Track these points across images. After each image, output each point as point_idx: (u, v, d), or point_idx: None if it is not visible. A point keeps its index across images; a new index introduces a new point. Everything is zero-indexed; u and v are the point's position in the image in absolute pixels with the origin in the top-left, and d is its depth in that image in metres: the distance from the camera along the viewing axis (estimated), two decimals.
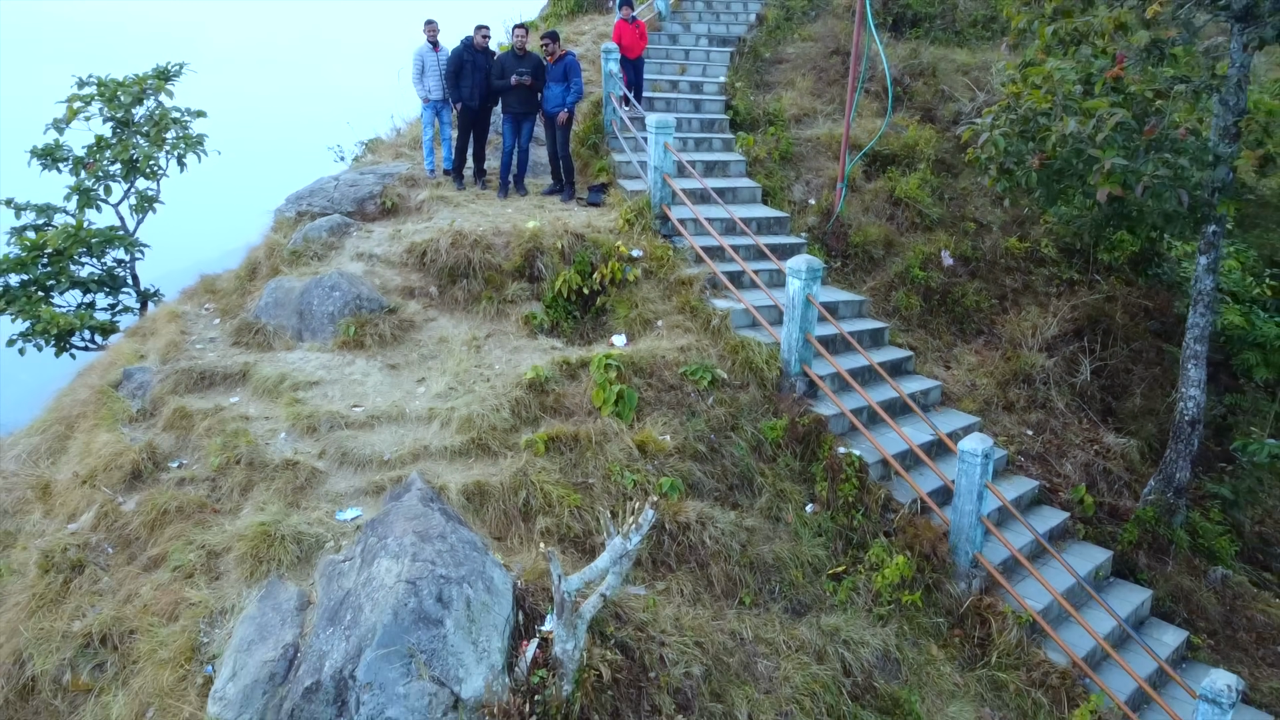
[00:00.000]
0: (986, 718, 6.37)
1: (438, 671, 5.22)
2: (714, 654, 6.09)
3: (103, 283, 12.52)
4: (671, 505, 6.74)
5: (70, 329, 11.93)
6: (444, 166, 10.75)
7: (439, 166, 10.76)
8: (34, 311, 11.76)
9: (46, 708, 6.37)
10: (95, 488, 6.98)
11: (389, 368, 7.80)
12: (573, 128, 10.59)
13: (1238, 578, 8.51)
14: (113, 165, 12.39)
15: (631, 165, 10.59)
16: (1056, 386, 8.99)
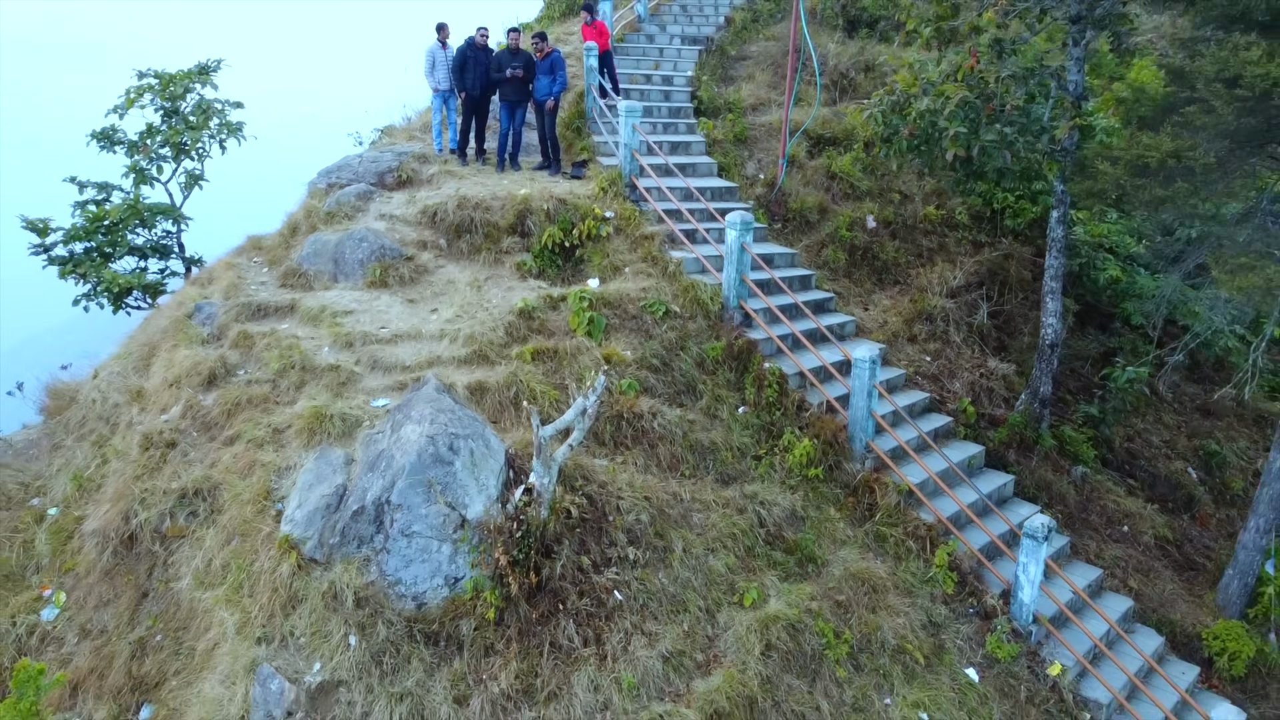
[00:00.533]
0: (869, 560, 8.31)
1: (450, 498, 7.16)
2: (659, 507, 8.02)
3: (154, 250, 14.48)
4: (628, 400, 8.67)
5: (128, 288, 13.87)
6: (450, 146, 12.69)
7: (446, 146, 12.70)
8: (97, 273, 13.72)
9: (147, 553, 8.31)
10: (180, 389, 8.92)
11: (408, 301, 9.74)
12: (559, 114, 12.53)
13: (1097, 476, 10.44)
14: (163, 148, 14.34)
15: (608, 145, 12.51)
16: (955, 325, 10.92)
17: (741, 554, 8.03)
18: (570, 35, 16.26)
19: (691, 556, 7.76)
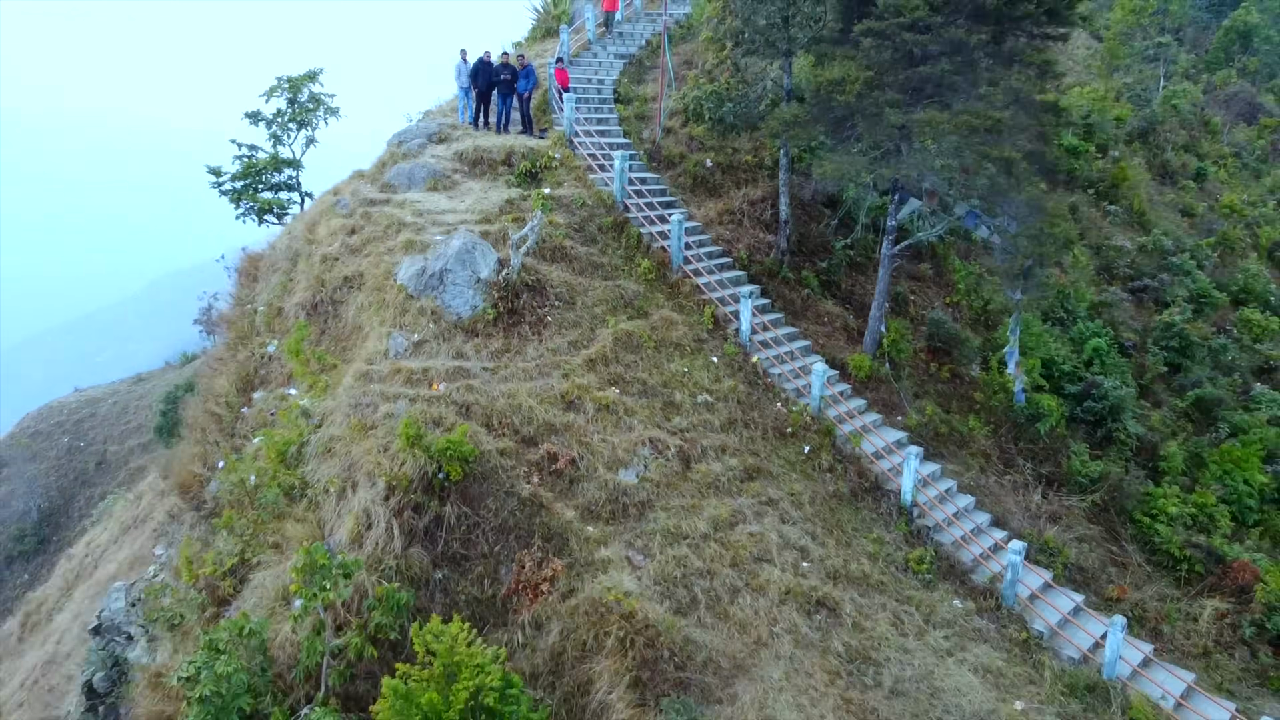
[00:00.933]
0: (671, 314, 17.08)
1: (472, 270, 15.95)
2: (570, 286, 16.81)
3: (284, 187, 23.35)
4: (558, 240, 17.46)
5: (268, 208, 22.73)
6: (469, 120, 21.53)
7: (466, 120, 21.54)
8: (252, 199, 22.58)
9: (325, 311, 17.13)
10: (335, 234, 17.74)
11: (449, 198, 18.56)
12: (532, 101, 21.33)
13: (818, 296, 19.24)
14: (289, 124, 23.20)
15: (561, 120, 21.30)
16: (747, 218, 19.72)
17: (609, 308, 16.82)
18: (546, 51, 25.07)
19: (586, 307, 16.58)
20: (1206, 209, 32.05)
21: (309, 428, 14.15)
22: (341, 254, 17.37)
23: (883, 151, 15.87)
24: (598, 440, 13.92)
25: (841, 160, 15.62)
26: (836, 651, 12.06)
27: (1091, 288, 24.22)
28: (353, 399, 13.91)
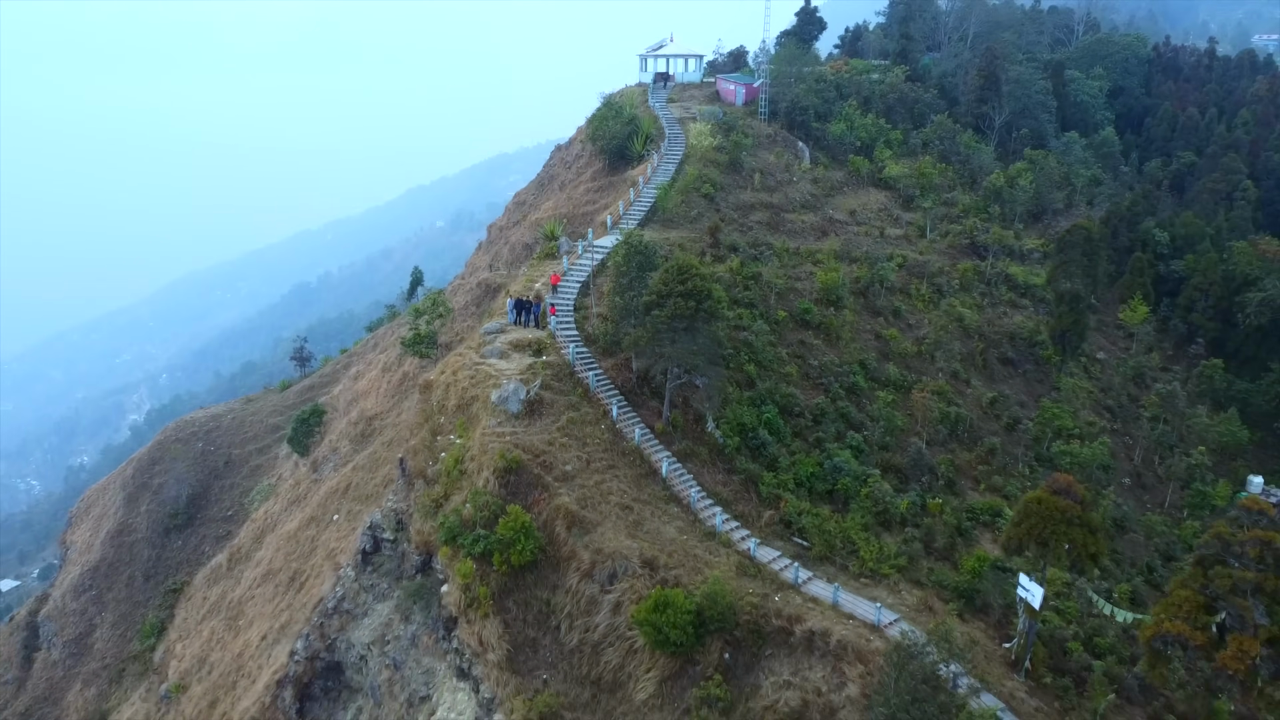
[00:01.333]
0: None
1: (516, 395, 45.51)
2: (554, 401, 46.49)
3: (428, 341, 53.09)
4: (548, 380, 47.13)
5: (425, 353, 52.50)
6: (513, 322, 51.18)
7: (511, 323, 51.20)
8: (420, 352, 52.27)
9: (463, 412, 46.94)
10: (465, 377, 47.43)
11: (506, 361, 48.29)
12: (536, 315, 50.94)
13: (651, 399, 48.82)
14: (430, 324, 52.90)
15: (550, 324, 50.84)
16: (630, 370, 49.28)
17: (569, 405, 46.39)
18: (545, 270, 54.55)
19: (560, 408, 46.29)
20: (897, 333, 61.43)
21: (463, 451, 43.85)
22: (466, 386, 46.82)
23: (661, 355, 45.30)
24: (566, 454, 43.45)
25: (650, 358, 45.07)
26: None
27: (796, 389, 53.46)
28: (481, 446, 43.53)
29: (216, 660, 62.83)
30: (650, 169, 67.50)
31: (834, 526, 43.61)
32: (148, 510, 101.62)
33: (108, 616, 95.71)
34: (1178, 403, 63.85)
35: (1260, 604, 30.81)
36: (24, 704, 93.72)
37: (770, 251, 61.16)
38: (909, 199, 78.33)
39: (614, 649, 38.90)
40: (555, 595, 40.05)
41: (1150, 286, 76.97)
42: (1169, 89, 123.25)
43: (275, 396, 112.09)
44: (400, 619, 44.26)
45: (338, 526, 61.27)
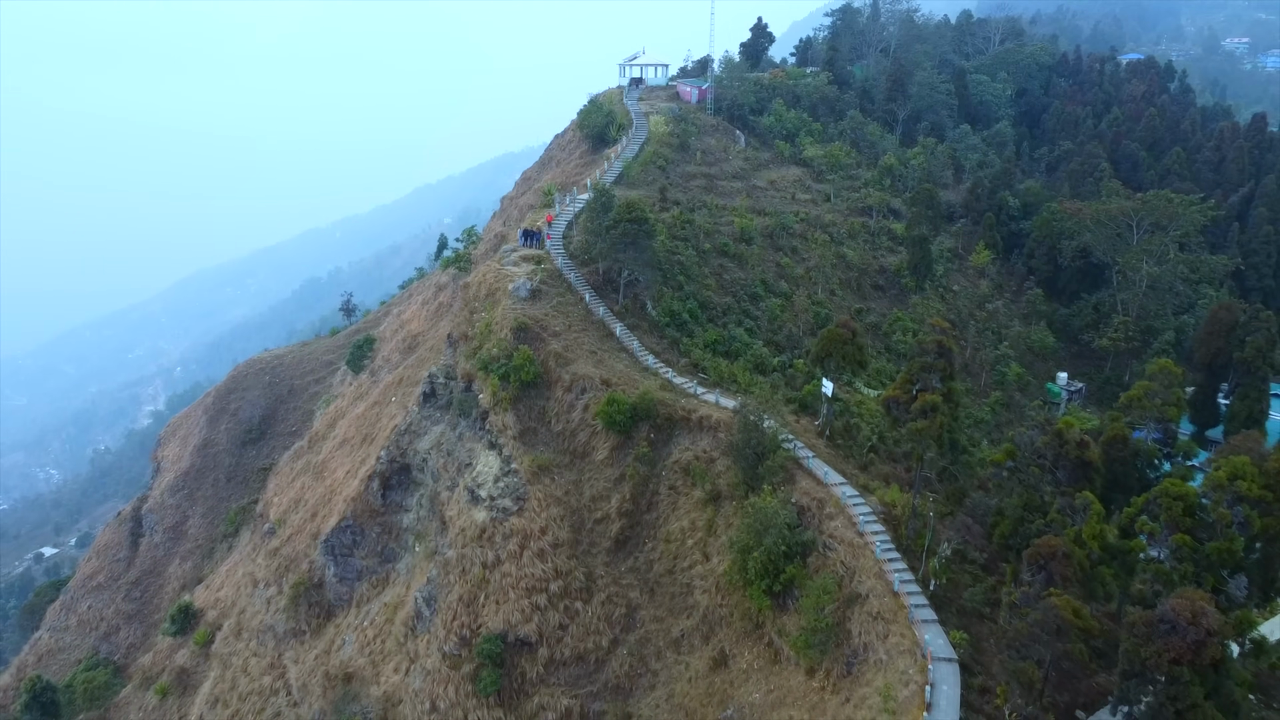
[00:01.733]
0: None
1: (525, 287, 70.98)
2: (546, 290, 72.08)
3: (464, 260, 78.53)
4: (542, 278, 72.68)
5: (463, 267, 78.04)
6: (522, 244, 76.70)
7: (522, 245, 76.74)
8: (459, 266, 77.68)
9: (490, 299, 72.59)
10: (492, 277, 72.93)
11: (518, 269, 73.92)
12: (539, 240, 76.37)
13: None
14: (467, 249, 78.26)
15: (547, 245, 76.31)
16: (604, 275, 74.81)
17: (554, 296, 71.94)
18: (546, 210, 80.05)
19: (549, 295, 71.91)
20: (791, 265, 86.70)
21: (490, 319, 69.34)
22: (492, 283, 72.20)
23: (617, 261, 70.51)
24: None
25: (609, 263, 70.32)
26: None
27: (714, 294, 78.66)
28: (502, 315, 68.96)
29: (309, 498, 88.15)
30: (621, 148, 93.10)
31: (725, 368, 68.96)
32: (226, 428, 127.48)
33: (198, 509, 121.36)
34: (999, 316, 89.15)
35: (936, 376, 55.95)
36: (134, 575, 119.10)
37: (704, 206, 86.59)
38: (821, 174, 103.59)
39: (583, 431, 64.39)
40: (548, 401, 65.57)
41: (1001, 240, 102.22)
42: (1064, 90, 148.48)
43: (327, 340, 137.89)
44: (450, 429, 69.71)
45: (397, 405, 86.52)
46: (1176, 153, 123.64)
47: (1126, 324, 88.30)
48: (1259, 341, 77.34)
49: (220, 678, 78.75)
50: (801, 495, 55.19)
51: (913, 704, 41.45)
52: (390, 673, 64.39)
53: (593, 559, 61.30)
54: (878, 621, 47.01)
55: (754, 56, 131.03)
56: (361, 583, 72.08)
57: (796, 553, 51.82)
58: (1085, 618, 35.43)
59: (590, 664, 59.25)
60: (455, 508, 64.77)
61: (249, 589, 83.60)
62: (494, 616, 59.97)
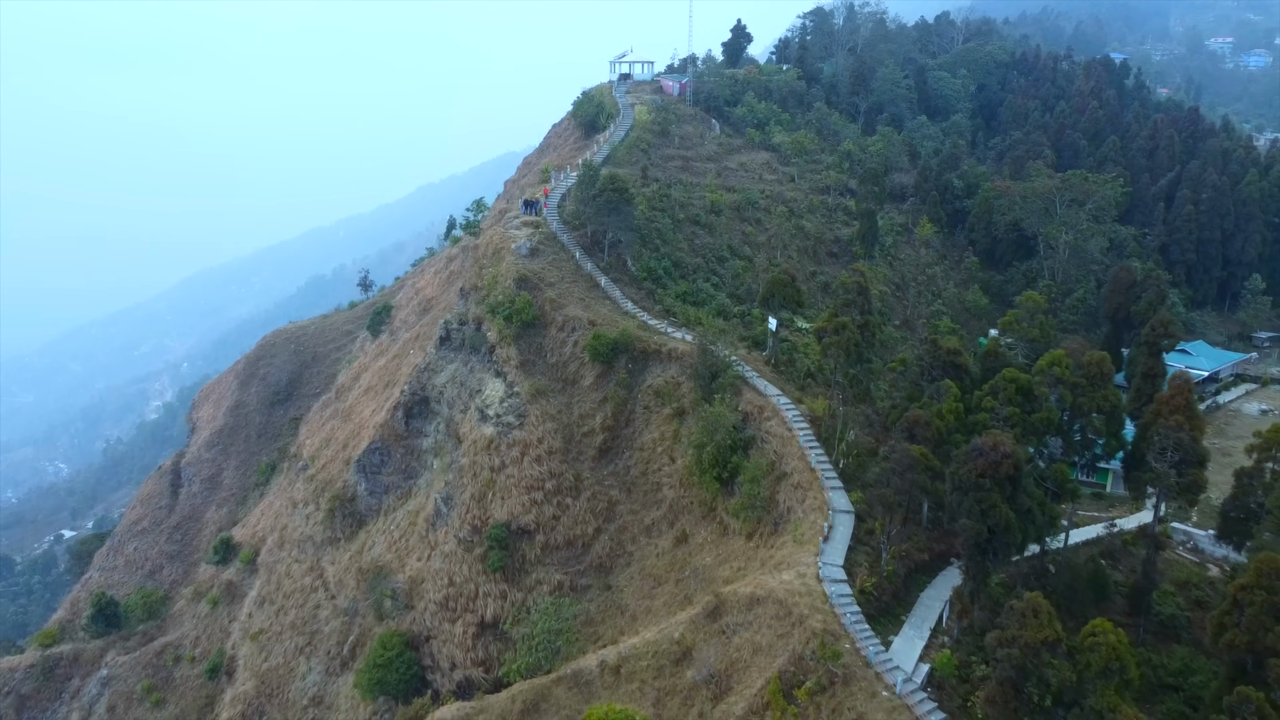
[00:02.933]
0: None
1: (527, 249, 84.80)
2: (543, 248, 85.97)
3: (473, 228, 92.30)
4: (539, 240, 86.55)
5: (473, 231, 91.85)
6: (523, 212, 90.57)
7: (523, 212, 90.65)
8: (471, 231, 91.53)
9: (494, 257, 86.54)
10: (497, 239, 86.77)
11: (520, 231, 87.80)
12: (536, 209, 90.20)
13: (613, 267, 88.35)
14: (476, 217, 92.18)
15: (543, 212, 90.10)
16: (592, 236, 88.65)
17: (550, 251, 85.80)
18: (544, 186, 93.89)
19: (546, 253, 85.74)
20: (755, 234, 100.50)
21: (496, 273, 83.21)
22: (498, 244, 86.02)
23: (602, 224, 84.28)
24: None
25: (596, 226, 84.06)
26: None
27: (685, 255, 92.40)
28: (506, 269, 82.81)
29: (339, 436, 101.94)
30: (609, 134, 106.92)
31: (693, 314, 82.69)
32: (256, 390, 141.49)
33: (231, 462, 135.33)
34: (938, 280, 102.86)
35: (855, 310, 69.57)
36: (174, 521, 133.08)
37: (680, 183, 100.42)
38: (787, 159, 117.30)
39: (573, 362, 78.21)
40: (544, 338, 79.41)
41: (946, 216, 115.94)
42: (1020, 86, 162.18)
43: (346, 313, 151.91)
44: (463, 365, 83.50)
45: (415, 353, 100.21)
46: (1113, 141, 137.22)
47: (1050, 286, 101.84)
48: (1151, 297, 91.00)
49: (266, 583, 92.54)
50: (746, 404, 69.01)
51: (815, 539, 55.29)
52: (414, 561, 78.22)
53: (580, 464, 75.12)
54: (798, 490, 60.86)
55: (733, 54, 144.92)
56: (388, 496, 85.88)
57: (740, 446, 65.61)
58: (929, 458, 49.14)
59: (578, 548, 73.01)
60: (467, 425, 78.63)
61: (289, 510, 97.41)
62: (500, 510, 73.80)
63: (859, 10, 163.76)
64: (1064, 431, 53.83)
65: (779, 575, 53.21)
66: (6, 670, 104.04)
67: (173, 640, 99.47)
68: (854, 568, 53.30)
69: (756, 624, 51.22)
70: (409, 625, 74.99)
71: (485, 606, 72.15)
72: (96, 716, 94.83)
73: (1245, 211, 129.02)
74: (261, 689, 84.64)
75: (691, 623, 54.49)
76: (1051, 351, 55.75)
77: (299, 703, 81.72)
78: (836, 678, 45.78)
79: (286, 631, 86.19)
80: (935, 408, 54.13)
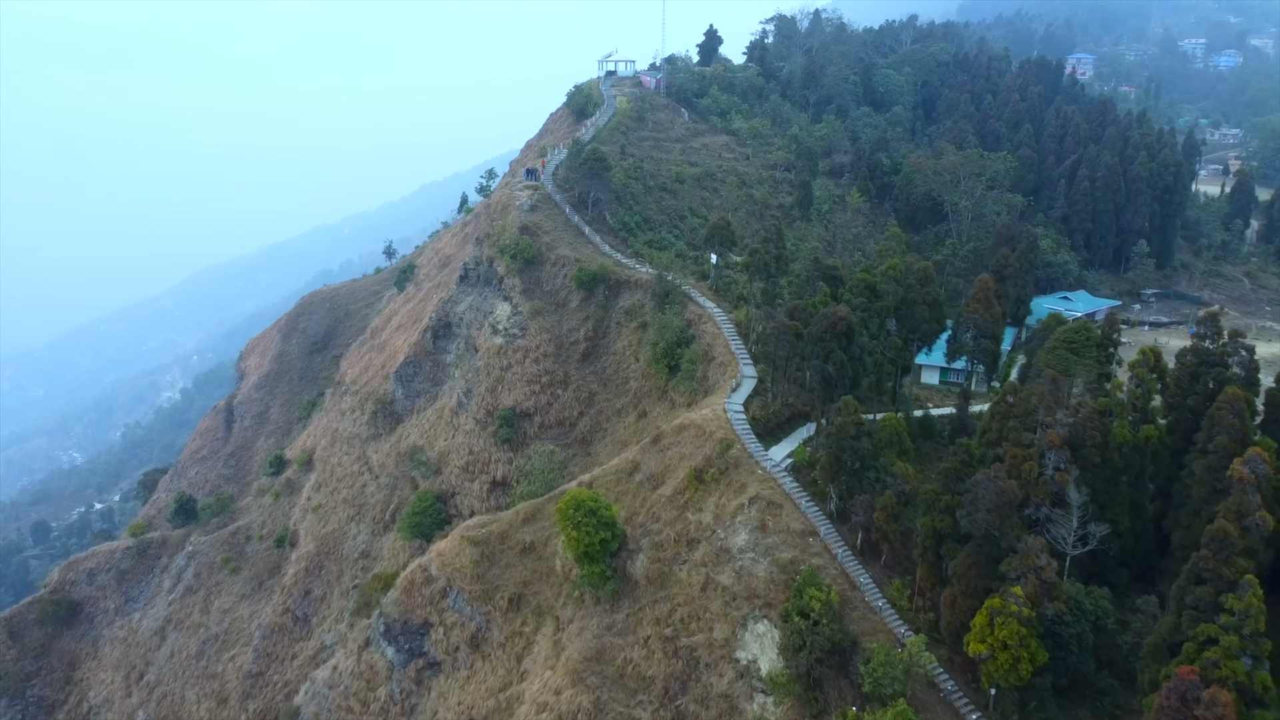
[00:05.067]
0: None
1: (527, 205, 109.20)
2: (536, 216, 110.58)
3: (486, 190, 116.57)
4: (537, 198, 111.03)
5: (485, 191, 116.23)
6: (526, 179, 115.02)
7: (525, 179, 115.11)
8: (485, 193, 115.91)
9: (505, 210, 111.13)
10: (507, 196, 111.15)
11: (523, 192, 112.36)
12: (536, 174, 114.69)
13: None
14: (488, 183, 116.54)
15: (539, 178, 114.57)
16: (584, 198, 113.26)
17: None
18: (540, 158, 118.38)
19: (542, 214, 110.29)
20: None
21: (505, 223, 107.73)
22: (505, 201, 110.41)
23: (588, 187, 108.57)
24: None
25: (582, 189, 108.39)
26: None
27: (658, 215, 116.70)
28: (511, 220, 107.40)
29: (376, 363, 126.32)
30: (595, 120, 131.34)
31: (656, 255, 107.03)
32: (297, 342, 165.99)
33: (277, 401, 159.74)
34: (862, 239, 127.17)
35: (772, 244, 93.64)
36: (229, 450, 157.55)
37: (651, 158, 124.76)
38: (744, 141, 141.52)
39: (563, 290, 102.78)
40: (540, 271, 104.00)
41: (875, 188, 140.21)
42: (957, 82, 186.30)
43: (373, 277, 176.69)
44: (478, 295, 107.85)
45: (438, 294, 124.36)
46: (1026, 129, 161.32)
47: (954, 244, 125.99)
48: (1023, 247, 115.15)
49: (321, 473, 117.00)
50: (690, 314, 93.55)
51: (725, 392, 79.71)
52: (441, 441, 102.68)
53: (568, 365, 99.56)
54: (721, 367, 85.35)
55: (707, 55, 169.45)
56: (420, 399, 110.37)
57: (684, 342, 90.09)
58: (797, 327, 73.29)
59: (566, 426, 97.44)
60: (482, 338, 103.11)
61: (338, 418, 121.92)
62: (507, 398, 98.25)
63: (822, 17, 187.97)
64: (899, 315, 77.92)
65: (700, 412, 77.77)
66: (107, 552, 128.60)
67: (243, 525, 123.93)
68: (750, 407, 77.74)
69: (682, 441, 75.76)
70: (438, 485, 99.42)
71: (496, 469, 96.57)
72: (184, 582, 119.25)
73: (1135, 188, 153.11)
74: (320, 549, 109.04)
75: (641, 449, 79.11)
76: (889, 260, 79.94)
77: (351, 556, 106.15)
78: (729, 465, 70.33)
79: (340, 506, 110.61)
80: (810, 300, 78.40)
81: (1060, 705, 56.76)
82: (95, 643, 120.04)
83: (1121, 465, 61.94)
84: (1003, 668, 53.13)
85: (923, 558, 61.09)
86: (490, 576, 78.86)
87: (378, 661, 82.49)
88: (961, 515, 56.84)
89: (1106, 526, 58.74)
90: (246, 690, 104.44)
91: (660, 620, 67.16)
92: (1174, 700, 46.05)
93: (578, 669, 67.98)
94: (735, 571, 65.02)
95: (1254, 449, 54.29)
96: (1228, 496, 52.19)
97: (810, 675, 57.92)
